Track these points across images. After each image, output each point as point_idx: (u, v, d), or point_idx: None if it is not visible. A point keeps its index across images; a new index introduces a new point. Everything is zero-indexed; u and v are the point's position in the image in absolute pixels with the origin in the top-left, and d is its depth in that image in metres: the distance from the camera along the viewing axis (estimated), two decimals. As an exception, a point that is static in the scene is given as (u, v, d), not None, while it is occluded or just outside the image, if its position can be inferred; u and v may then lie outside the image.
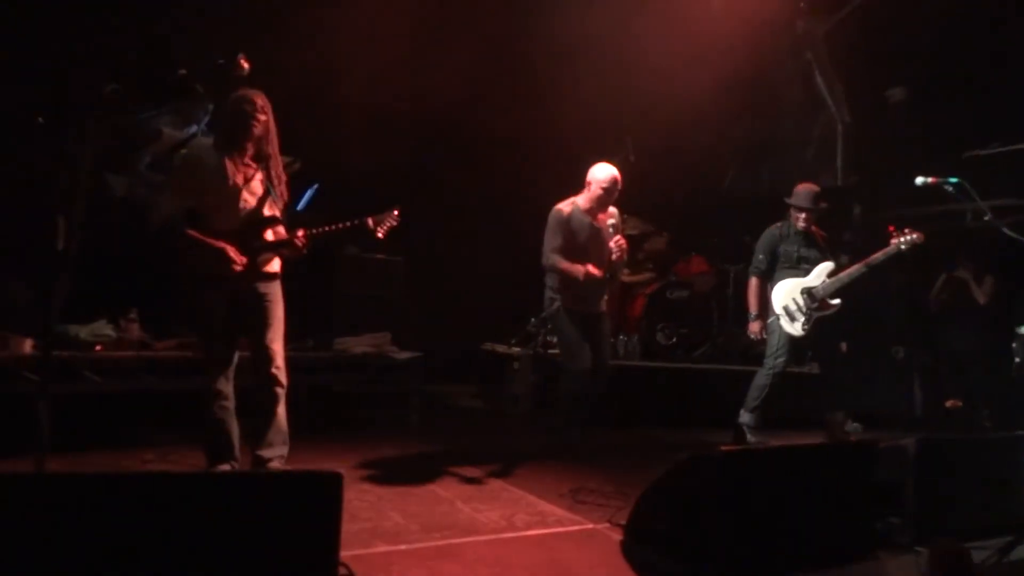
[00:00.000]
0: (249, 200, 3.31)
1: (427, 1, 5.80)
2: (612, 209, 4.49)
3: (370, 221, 3.40)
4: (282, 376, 3.35)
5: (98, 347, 4.12)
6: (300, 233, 3.31)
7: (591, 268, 4.30)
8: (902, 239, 4.71)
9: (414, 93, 5.98)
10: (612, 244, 4.30)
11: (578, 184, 4.57)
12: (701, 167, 7.93)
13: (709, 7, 6.67)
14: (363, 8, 5.60)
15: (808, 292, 4.93)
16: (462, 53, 5.88)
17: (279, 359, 3.34)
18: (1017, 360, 5.34)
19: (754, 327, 5.07)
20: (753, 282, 5.11)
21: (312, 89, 5.26)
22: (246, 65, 2.74)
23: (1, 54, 4.45)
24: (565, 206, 4.49)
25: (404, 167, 6.55)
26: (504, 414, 5.92)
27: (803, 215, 5.02)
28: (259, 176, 3.35)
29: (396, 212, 3.45)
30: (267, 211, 3.35)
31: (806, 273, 4.99)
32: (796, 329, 4.88)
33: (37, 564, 1.81)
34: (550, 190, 4.67)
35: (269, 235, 3.37)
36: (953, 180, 3.96)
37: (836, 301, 4.92)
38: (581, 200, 4.49)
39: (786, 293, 4.96)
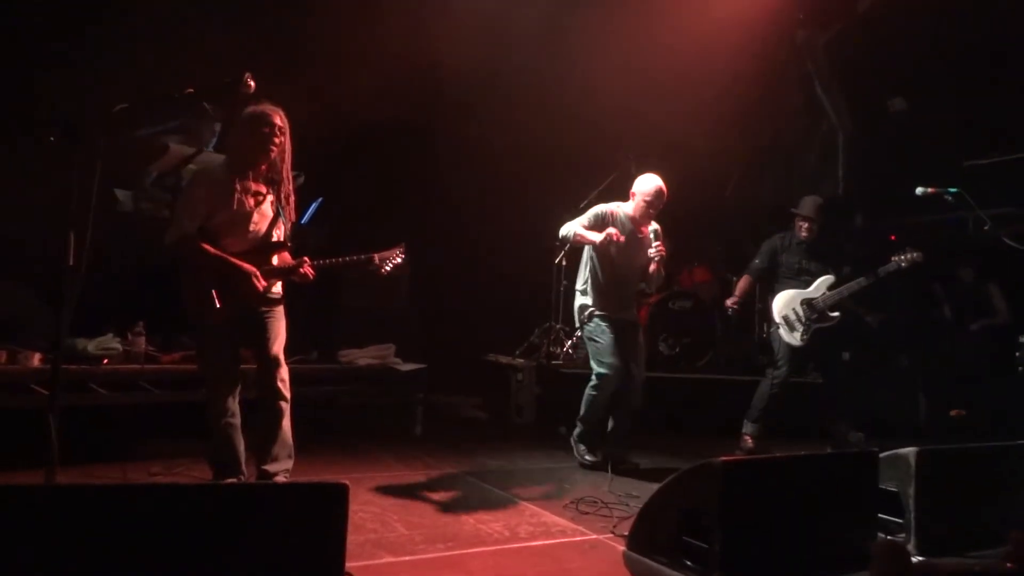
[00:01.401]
0: (259, 223, 3.33)
1: (426, 10, 5.86)
2: (654, 224, 4.45)
3: (376, 258, 3.45)
4: (286, 390, 3.36)
5: (105, 361, 4.16)
6: (307, 264, 3.35)
7: (614, 235, 4.17)
8: (902, 257, 4.75)
9: (415, 104, 6.02)
10: (651, 251, 4.26)
11: (580, 194, 4.61)
12: (703, 177, 7.95)
13: (711, 17, 6.72)
14: (365, 19, 5.66)
15: (808, 303, 4.96)
16: (463, 64, 5.93)
17: (283, 372, 3.35)
18: (1021, 368, 5.32)
19: (729, 300, 5.43)
20: (744, 278, 5.40)
21: (315, 102, 5.32)
22: (252, 83, 2.78)
23: (12, 74, 4.52)
24: (612, 206, 4.47)
25: (407, 179, 6.61)
26: (508, 425, 5.93)
27: (805, 224, 5.06)
28: (270, 198, 3.36)
29: (401, 249, 3.49)
30: (275, 235, 3.38)
31: (807, 284, 5.03)
32: (795, 339, 4.91)
33: (47, 575, 1.85)
34: (554, 200, 4.70)
35: (275, 260, 3.40)
36: (952, 190, 3.99)
37: (835, 314, 4.95)
38: (628, 208, 4.48)
39: (786, 303, 4.99)
